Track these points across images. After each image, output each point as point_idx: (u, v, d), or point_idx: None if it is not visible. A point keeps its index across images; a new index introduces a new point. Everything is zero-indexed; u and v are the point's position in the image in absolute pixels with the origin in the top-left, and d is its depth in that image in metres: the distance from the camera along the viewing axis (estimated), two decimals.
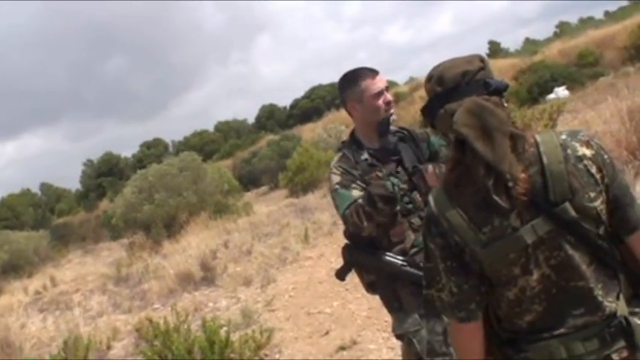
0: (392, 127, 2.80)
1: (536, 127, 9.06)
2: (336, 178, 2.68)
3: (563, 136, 1.58)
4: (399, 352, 4.43)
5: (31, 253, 19.42)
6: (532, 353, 1.57)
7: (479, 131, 1.51)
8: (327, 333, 5.58)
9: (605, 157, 1.58)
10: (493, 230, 1.53)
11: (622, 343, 1.52)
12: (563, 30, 43.01)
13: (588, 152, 1.56)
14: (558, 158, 1.52)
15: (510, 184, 1.49)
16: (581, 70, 25.55)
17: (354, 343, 5.09)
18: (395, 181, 2.54)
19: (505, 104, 1.63)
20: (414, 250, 2.60)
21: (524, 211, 1.51)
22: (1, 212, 37.20)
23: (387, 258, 2.58)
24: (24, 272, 18.20)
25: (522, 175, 1.51)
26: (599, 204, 1.53)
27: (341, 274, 2.83)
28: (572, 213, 1.50)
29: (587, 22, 41.82)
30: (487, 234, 1.53)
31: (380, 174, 2.55)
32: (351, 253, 2.70)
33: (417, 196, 2.65)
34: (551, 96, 21.01)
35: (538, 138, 1.57)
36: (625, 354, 1.52)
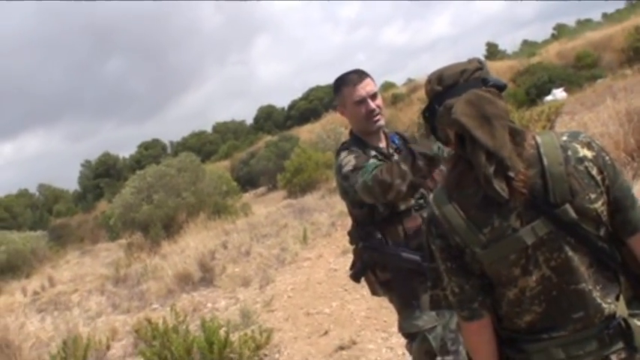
0: (386, 130, 2.81)
1: (534, 129, 9.08)
2: (351, 161, 2.58)
3: (564, 138, 1.59)
4: (398, 351, 4.46)
5: (29, 254, 19.37)
6: (531, 354, 1.58)
7: (477, 120, 1.52)
8: (326, 333, 5.59)
9: (607, 158, 1.59)
10: (493, 231, 1.53)
11: (621, 345, 1.53)
12: (560, 32, 43.03)
13: (589, 154, 1.56)
14: (558, 160, 1.53)
15: (511, 173, 1.50)
16: (579, 72, 25.60)
17: (353, 343, 5.11)
18: (441, 145, 2.36)
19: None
20: None
21: (524, 212, 1.52)
22: None
23: (406, 254, 2.57)
24: (22, 273, 18.15)
25: (522, 170, 1.51)
26: (599, 205, 1.54)
27: (357, 276, 2.78)
28: (573, 214, 1.51)
29: (584, 24, 41.86)
30: (487, 235, 1.54)
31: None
32: (369, 252, 2.65)
33: (425, 192, 2.67)
34: (549, 98, 21.07)
35: (538, 139, 1.58)
36: (623, 355, 1.53)
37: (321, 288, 7.06)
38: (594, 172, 1.55)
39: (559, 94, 21.22)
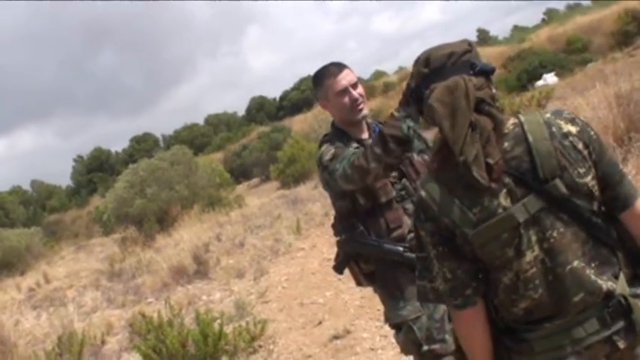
0: (369, 120, 2.81)
1: None
2: (330, 150, 2.59)
3: (547, 115, 1.58)
4: (392, 340, 4.47)
5: (23, 251, 19.35)
6: (533, 342, 1.56)
7: (449, 109, 1.52)
8: (320, 323, 5.61)
9: (592, 133, 1.57)
10: (483, 210, 1.51)
11: (622, 324, 1.51)
12: (551, 17, 43.10)
13: (573, 129, 1.55)
14: (544, 135, 1.52)
15: (490, 160, 1.48)
16: (570, 57, 25.66)
17: (348, 332, 5.13)
18: (411, 124, 2.36)
19: (493, 88, 1.62)
20: (412, 234, 2.61)
21: (514, 190, 1.51)
22: None
23: (388, 246, 2.57)
24: (17, 270, 18.13)
25: (499, 160, 1.50)
26: (589, 180, 1.52)
27: (339, 267, 2.77)
28: (563, 189, 1.49)
29: (574, 9, 41.88)
30: (477, 214, 1.51)
31: (396, 114, 2.39)
32: (351, 244, 2.65)
33: (407, 183, 2.68)
34: (540, 83, 21.11)
35: (522, 118, 1.57)
36: (625, 335, 1.51)
37: (315, 278, 7.08)
38: (580, 146, 1.53)
39: (550, 78, 21.26)
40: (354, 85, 2.69)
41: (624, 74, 7.06)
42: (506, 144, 1.53)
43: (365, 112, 2.74)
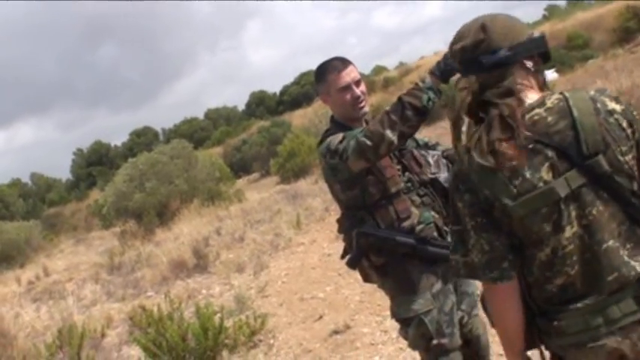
0: (367, 118, 2.80)
1: None
2: (339, 136, 2.58)
3: (592, 92, 1.56)
4: (393, 335, 4.49)
5: (23, 244, 19.36)
6: (566, 322, 1.53)
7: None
8: (320, 318, 5.62)
9: (635, 113, 1.56)
10: (524, 182, 1.50)
11: None
12: (551, 13, 42.96)
13: (618, 107, 1.53)
14: (589, 110, 1.50)
15: (496, 145, 1.50)
16: (570, 53, 25.62)
17: (348, 327, 5.13)
18: (432, 96, 2.38)
19: (529, 66, 1.59)
20: (421, 226, 2.61)
21: (556, 164, 1.49)
22: None
23: (400, 238, 2.56)
24: (16, 263, 18.15)
25: (502, 137, 1.50)
26: (630, 159, 1.51)
27: (353, 262, 2.72)
28: (606, 166, 1.47)
29: (575, 5, 41.77)
30: (517, 187, 1.50)
31: (420, 84, 2.40)
32: (364, 238, 2.61)
33: (411, 175, 2.68)
34: None
35: (567, 94, 1.55)
36: None
37: (315, 273, 7.08)
38: (624, 124, 1.51)
39: (550, 75, 21.19)
40: (357, 83, 2.68)
41: (625, 71, 7.07)
42: (549, 118, 1.51)
43: (366, 109, 2.74)
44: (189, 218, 13.55)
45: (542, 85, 1.64)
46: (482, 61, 1.57)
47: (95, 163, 47.73)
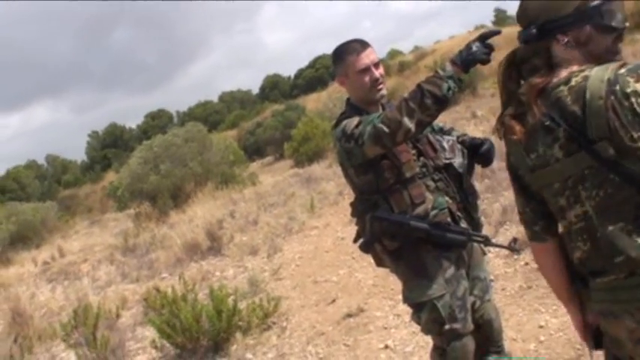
0: (383, 101, 2.77)
1: None
2: (355, 120, 2.55)
3: (621, 71, 1.46)
4: (405, 319, 4.49)
5: (38, 225, 19.54)
6: (591, 290, 1.61)
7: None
8: (333, 301, 5.63)
9: None
10: (538, 157, 1.58)
11: None
12: None
13: None
14: (600, 93, 1.45)
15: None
16: None
17: (361, 310, 5.14)
18: (452, 85, 2.36)
19: (561, 39, 1.58)
20: (435, 211, 2.60)
21: (566, 144, 1.51)
22: (7, 184, 37.29)
23: (414, 223, 2.55)
24: (32, 243, 18.33)
25: (510, 112, 1.64)
26: None
27: (367, 246, 2.72)
28: (611, 152, 1.45)
29: None
30: (533, 160, 1.59)
31: (441, 72, 2.37)
32: (378, 222, 2.60)
33: (426, 160, 2.66)
34: None
35: (592, 72, 1.51)
36: None
37: (328, 256, 7.09)
38: None
39: None
40: (376, 65, 2.66)
41: None
42: (569, 98, 1.52)
43: (384, 92, 2.71)
44: (203, 201, 13.59)
45: (610, 56, 1.57)
46: (519, 37, 1.66)
47: (110, 146, 48.01)
